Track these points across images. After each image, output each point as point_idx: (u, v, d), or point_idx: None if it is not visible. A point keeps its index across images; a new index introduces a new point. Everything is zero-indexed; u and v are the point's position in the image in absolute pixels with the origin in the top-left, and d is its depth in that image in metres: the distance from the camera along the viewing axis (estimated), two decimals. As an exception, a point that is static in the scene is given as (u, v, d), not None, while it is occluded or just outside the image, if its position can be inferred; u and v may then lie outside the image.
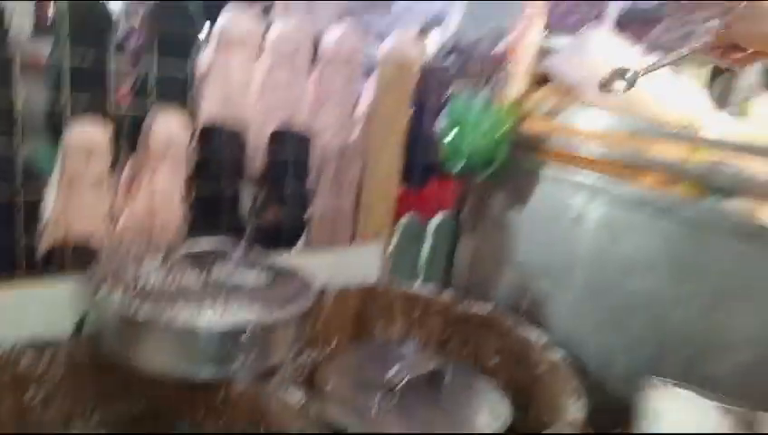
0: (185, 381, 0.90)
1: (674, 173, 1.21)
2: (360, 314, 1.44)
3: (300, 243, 1.49)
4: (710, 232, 1.14)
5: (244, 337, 0.88)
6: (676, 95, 1.36)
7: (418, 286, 1.55)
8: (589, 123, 1.34)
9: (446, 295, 1.47)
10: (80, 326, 0.99)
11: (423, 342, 1.43)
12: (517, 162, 1.43)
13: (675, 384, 0.98)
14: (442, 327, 1.44)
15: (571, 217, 1.34)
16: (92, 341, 0.93)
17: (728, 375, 1.13)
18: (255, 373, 0.92)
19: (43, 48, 1.14)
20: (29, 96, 1.09)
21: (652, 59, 1.37)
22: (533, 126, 1.40)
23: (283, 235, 1.42)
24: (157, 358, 0.88)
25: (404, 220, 1.88)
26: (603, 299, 1.30)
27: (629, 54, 1.36)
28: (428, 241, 1.84)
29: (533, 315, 1.40)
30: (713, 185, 1.17)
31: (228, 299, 0.94)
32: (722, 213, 1.13)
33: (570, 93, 1.42)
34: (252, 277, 1.03)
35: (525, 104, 1.41)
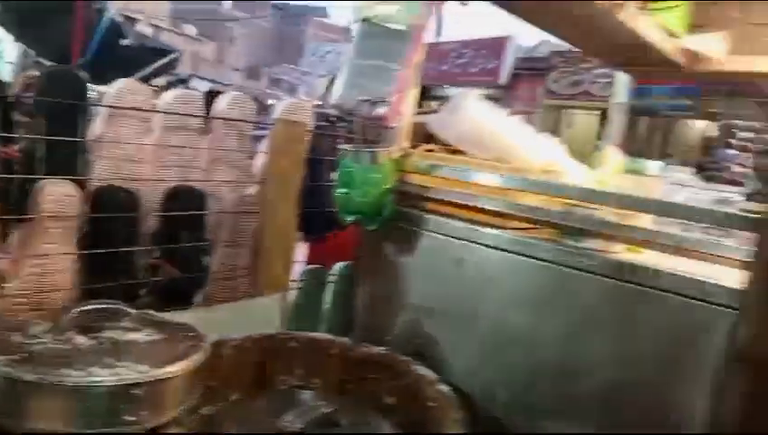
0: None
1: (537, 218, 1.37)
2: (261, 363, 1.48)
3: (199, 298, 1.52)
4: (567, 269, 1.29)
5: (133, 393, 0.91)
6: (539, 147, 1.53)
7: (318, 334, 1.61)
8: (464, 176, 1.48)
9: (344, 340, 1.54)
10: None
11: (324, 386, 1.48)
12: (404, 213, 1.55)
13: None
14: (341, 371, 1.50)
15: (452, 261, 1.46)
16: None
17: (590, 396, 1.26)
18: (148, 427, 0.95)
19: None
20: None
21: (516, 121, 1.56)
22: (416, 180, 1.53)
23: (179, 293, 1.45)
24: (48, 419, 0.90)
25: (306, 270, 1.95)
26: (484, 334, 1.42)
27: (496, 115, 1.52)
28: (330, 289, 1.91)
29: (425, 354, 1.49)
30: (568, 227, 1.33)
31: (120, 357, 0.97)
32: (576, 252, 1.29)
33: (447, 150, 1.57)
34: (144, 336, 1.06)
35: (408, 161, 1.54)
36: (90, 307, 1.06)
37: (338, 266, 1.92)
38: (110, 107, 1.28)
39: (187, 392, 1.03)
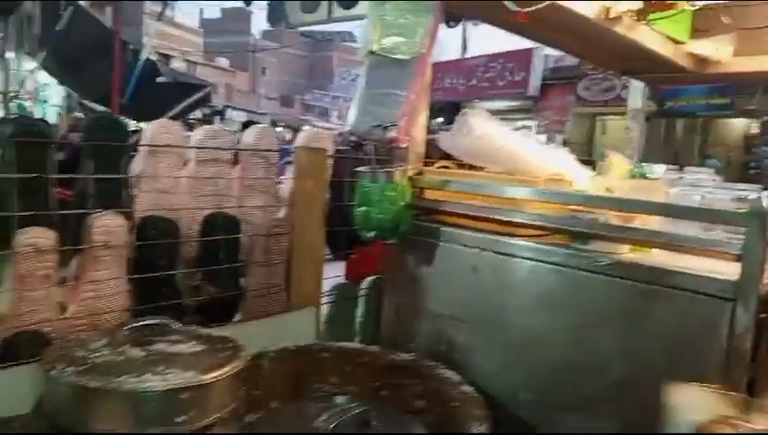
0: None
1: (545, 225, 1.45)
2: (298, 373, 1.59)
3: (237, 316, 1.65)
4: (575, 271, 1.37)
5: (182, 396, 1.03)
6: (546, 158, 1.62)
7: (349, 344, 1.72)
8: (475, 189, 1.58)
9: (374, 349, 1.64)
10: (39, 403, 1.12)
11: (356, 392, 1.59)
12: (421, 227, 1.66)
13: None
14: (372, 377, 1.60)
15: (468, 270, 1.56)
16: (50, 414, 1.07)
17: (605, 393, 1.33)
18: (196, 427, 1.06)
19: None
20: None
21: (522, 134, 1.65)
22: (431, 195, 1.64)
23: (219, 310, 1.59)
24: (108, 421, 1.03)
25: (337, 285, 2.07)
26: (502, 337, 1.50)
27: (502, 131, 1.62)
28: (361, 302, 2.02)
29: (449, 358, 1.59)
30: (575, 232, 1.41)
31: (168, 366, 1.09)
32: (584, 254, 1.37)
33: (458, 165, 1.67)
34: (189, 347, 1.19)
35: (422, 178, 1.65)
36: (140, 324, 1.19)
37: (367, 280, 2.04)
38: (148, 146, 1.43)
39: (230, 396, 1.15)
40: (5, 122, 1.30)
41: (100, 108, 6.31)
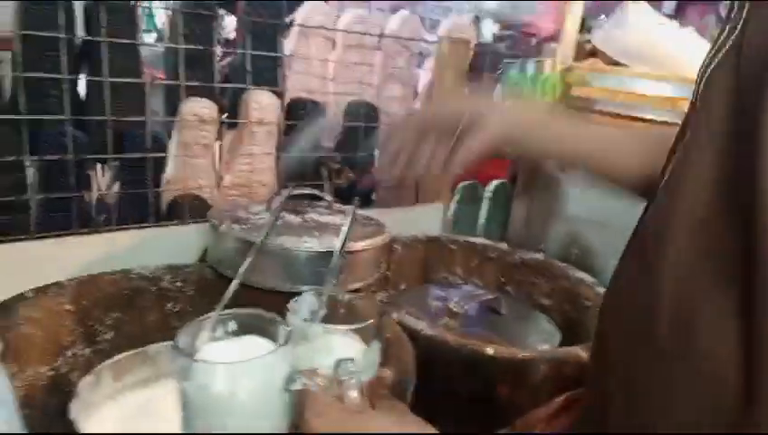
0: (289, 294, 1.12)
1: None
2: (426, 261, 1.63)
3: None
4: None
5: (335, 259, 1.09)
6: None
7: (477, 239, 1.73)
8: (630, 87, 1.49)
9: (502, 246, 1.65)
10: (204, 255, 1.23)
11: (482, 285, 1.61)
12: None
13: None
14: (498, 273, 1.62)
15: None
16: (216, 265, 1.17)
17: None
18: (346, 289, 1.13)
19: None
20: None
21: (687, 32, 1.52)
22: (580, 92, 1.56)
23: (355, 196, 1.64)
24: (267, 277, 1.11)
25: (462, 186, 2.07)
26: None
27: (665, 27, 1.49)
28: (485, 204, 2.02)
29: (582, 262, 1.56)
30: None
31: (321, 232, 1.15)
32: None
33: (612, 62, 1.58)
34: (338, 219, 1.24)
35: (571, 73, 1.57)
36: (295, 193, 1.26)
37: (494, 183, 2.02)
38: (300, 26, 1.45)
39: (375, 267, 1.20)
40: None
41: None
